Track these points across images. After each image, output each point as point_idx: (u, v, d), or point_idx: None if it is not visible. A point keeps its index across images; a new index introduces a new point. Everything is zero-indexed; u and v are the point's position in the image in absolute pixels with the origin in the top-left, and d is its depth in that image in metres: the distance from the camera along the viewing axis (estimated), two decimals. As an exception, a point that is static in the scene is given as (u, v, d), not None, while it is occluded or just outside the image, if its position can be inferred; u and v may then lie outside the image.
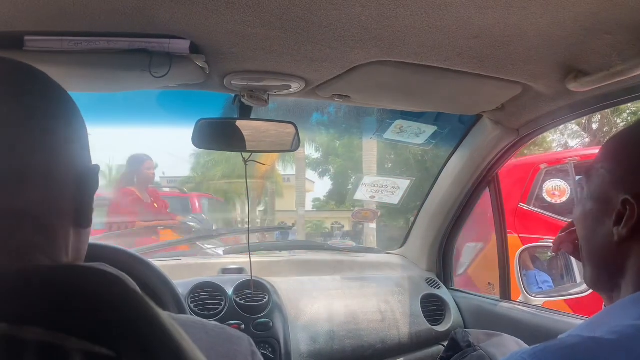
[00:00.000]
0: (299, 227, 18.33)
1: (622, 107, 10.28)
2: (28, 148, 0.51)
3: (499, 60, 1.21)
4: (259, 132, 1.53)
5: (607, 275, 0.75)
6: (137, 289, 0.34)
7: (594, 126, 12.24)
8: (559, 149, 12.49)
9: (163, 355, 0.30)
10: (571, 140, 13.07)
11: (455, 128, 1.89)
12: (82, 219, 0.57)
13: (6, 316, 0.30)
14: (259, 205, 21.47)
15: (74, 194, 0.55)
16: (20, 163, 0.50)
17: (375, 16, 0.99)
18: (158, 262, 1.81)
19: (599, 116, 11.61)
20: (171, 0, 0.91)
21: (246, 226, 1.90)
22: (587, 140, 12.20)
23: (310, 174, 20.71)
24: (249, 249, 1.83)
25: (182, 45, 1.10)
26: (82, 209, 0.57)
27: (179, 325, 0.51)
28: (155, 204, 4.70)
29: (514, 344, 1.29)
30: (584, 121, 11.58)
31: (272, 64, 1.23)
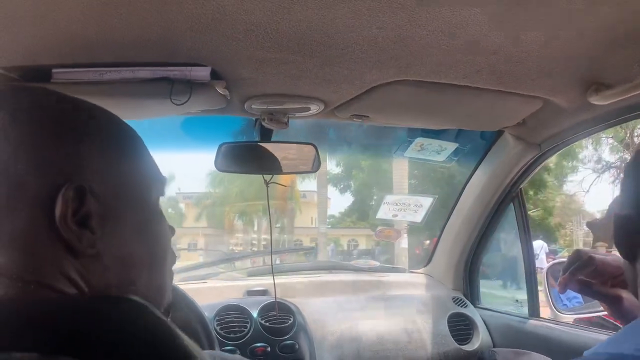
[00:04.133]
0: (320, 245, 18.17)
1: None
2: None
3: (518, 75, 1.21)
4: (280, 154, 1.54)
5: None
6: (166, 319, 0.34)
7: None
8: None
9: None
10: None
11: (476, 144, 1.88)
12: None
13: (37, 344, 0.30)
14: (277, 222, 21.47)
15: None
16: None
17: (392, 37, 1.00)
18: (184, 286, 1.83)
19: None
20: (192, 29, 0.93)
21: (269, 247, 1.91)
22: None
23: (329, 190, 20.58)
24: (272, 271, 1.84)
25: (203, 73, 1.12)
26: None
27: None
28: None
29: None
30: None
31: (291, 87, 1.25)
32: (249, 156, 1.53)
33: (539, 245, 10.89)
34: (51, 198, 0.50)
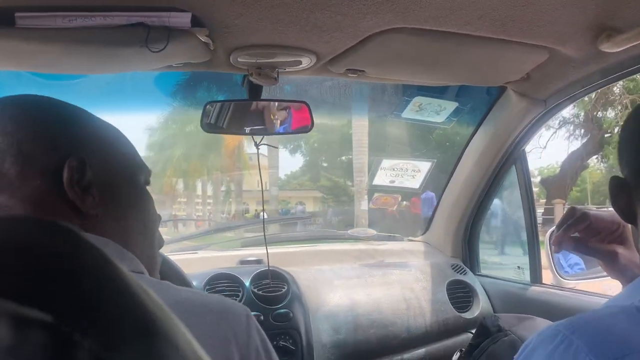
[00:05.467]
0: (272, 208, 17.83)
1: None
2: None
3: (524, 22, 1.12)
4: (270, 112, 1.46)
5: None
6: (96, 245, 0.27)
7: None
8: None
9: (122, 320, 0.23)
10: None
11: (478, 103, 1.79)
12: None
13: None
14: (223, 185, 21.02)
15: None
16: None
17: (389, -26, 0.91)
18: (175, 256, 1.76)
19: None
20: (166, -37, 0.84)
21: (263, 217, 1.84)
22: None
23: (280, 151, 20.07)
24: (265, 240, 1.77)
25: (183, 18, 1.03)
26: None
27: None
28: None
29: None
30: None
31: (279, 36, 1.16)
32: (237, 115, 1.44)
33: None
34: (58, 168, 0.62)
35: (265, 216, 1.96)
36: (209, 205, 21.53)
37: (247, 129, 1.45)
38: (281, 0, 0.99)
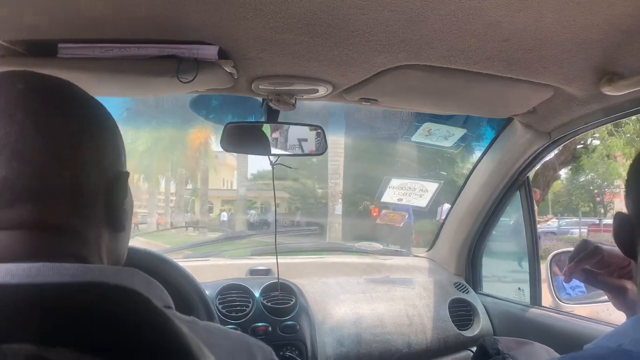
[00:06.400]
0: (238, 210, 17.34)
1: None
2: (59, 164, 0.53)
3: (530, 63, 1.19)
4: (286, 135, 1.53)
5: None
6: (159, 305, 0.34)
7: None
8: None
9: None
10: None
11: (485, 131, 1.86)
12: (115, 225, 0.60)
13: (32, 336, 0.30)
14: (188, 184, 20.53)
15: (105, 201, 0.58)
16: (47, 180, 0.52)
17: (404, 20, 0.98)
18: (187, 263, 1.84)
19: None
20: (200, 7, 0.92)
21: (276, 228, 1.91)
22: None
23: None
24: (276, 251, 1.84)
25: (211, 51, 1.11)
26: (114, 215, 0.59)
27: (203, 332, 0.53)
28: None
29: (545, 354, 1.26)
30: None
31: (299, 68, 1.23)
32: (255, 137, 1.52)
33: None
34: (110, 184, 0.58)
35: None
36: (171, 202, 21.04)
37: (264, 150, 1.53)
38: (301, 38, 1.07)
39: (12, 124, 0.51)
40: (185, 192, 20.96)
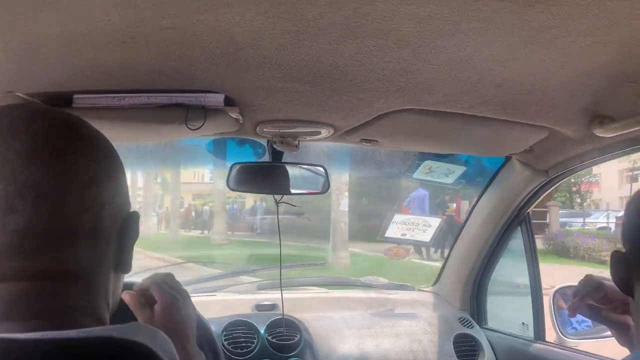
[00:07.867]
0: (217, 204, 16.43)
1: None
2: (78, 207, 0.51)
3: (524, 106, 1.23)
4: (290, 174, 1.58)
5: None
6: (165, 358, 0.38)
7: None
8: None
9: None
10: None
11: (484, 168, 1.90)
12: (122, 266, 0.59)
13: None
14: (158, 177, 18.95)
15: (117, 243, 0.57)
16: (70, 223, 0.50)
17: (399, 70, 1.03)
18: (194, 298, 1.86)
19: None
20: (207, 62, 0.98)
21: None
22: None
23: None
24: (281, 286, 1.87)
25: (217, 99, 1.17)
26: (124, 257, 0.59)
27: None
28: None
29: None
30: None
31: (301, 113, 1.29)
32: (261, 176, 1.57)
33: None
34: (123, 226, 0.57)
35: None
36: (139, 197, 19.47)
37: (269, 189, 1.58)
38: (303, 87, 1.12)
39: (36, 163, 0.49)
40: (153, 187, 19.59)
